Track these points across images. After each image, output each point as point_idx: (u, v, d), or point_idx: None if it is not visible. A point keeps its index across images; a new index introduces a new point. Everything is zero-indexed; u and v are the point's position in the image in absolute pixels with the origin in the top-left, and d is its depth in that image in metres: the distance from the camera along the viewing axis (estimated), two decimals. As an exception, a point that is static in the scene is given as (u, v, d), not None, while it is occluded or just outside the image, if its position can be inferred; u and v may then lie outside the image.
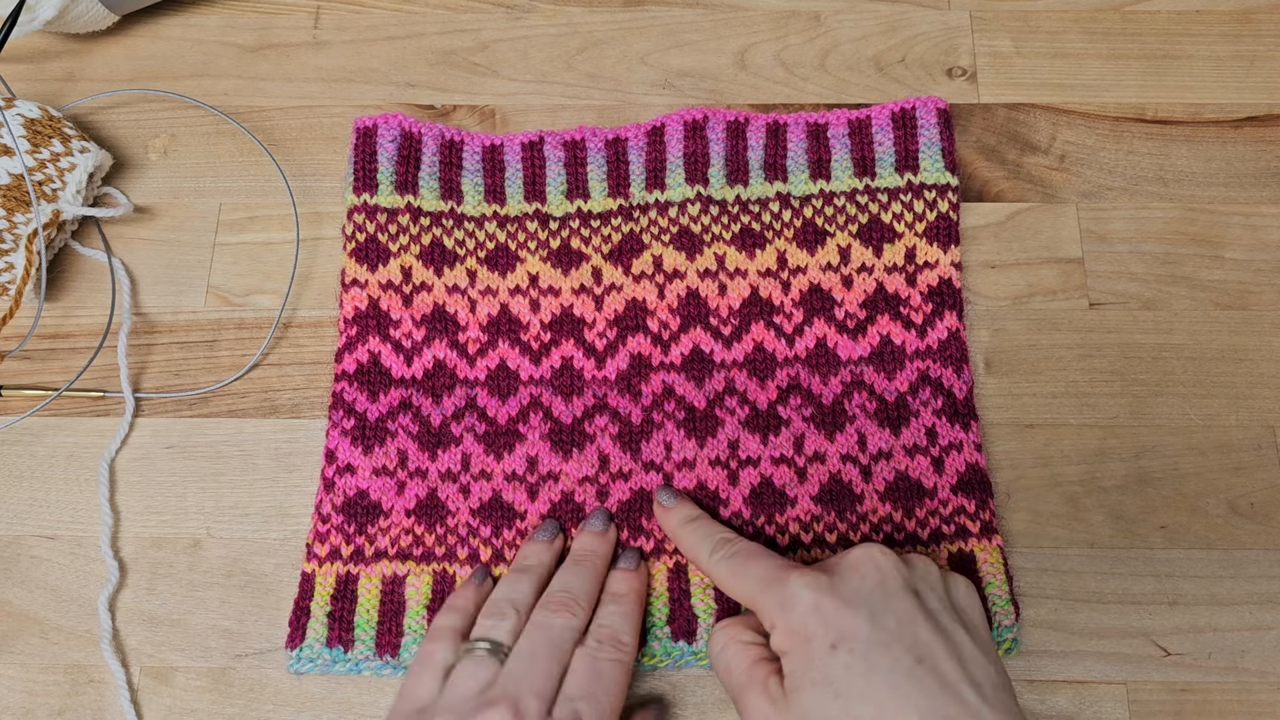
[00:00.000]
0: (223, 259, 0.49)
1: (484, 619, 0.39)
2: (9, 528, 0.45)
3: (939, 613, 0.35)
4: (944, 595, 0.36)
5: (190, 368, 0.47)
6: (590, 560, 0.41)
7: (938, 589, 0.36)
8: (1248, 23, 0.53)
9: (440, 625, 0.39)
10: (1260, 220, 0.49)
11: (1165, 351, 0.46)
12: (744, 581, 0.37)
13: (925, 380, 0.45)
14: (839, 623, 0.34)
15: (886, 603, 0.34)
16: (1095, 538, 0.43)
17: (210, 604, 0.43)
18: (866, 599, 0.34)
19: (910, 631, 0.34)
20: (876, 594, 0.35)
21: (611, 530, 0.43)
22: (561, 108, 0.52)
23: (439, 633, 0.39)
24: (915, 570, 0.36)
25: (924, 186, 0.48)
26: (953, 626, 0.35)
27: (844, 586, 0.35)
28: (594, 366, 0.46)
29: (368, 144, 0.48)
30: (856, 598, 0.34)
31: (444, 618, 0.40)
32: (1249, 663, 0.41)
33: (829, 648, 0.33)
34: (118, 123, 0.52)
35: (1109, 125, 0.51)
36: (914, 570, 0.36)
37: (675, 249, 0.47)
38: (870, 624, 0.34)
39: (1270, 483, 0.44)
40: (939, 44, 0.53)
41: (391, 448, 0.44)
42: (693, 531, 0.41)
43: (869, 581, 0.35)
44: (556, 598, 0.39)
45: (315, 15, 0.54)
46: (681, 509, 0.42)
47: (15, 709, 0.42)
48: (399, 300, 0.47)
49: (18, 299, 0.45)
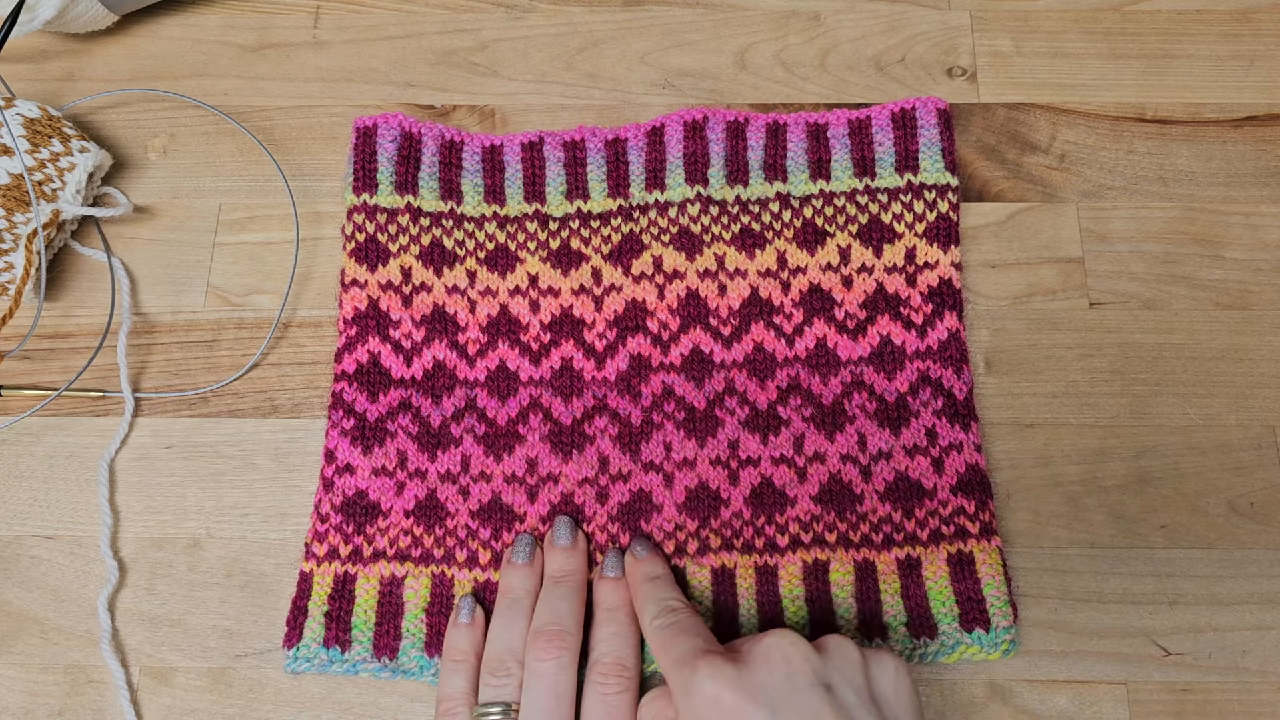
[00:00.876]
0: (222, 259, 0.49)
1: (488, 676, 0.39)
2: (9, 528, 0.45)
3: (853, 708, 0.33)
4: (863, 687, 0.34)
5: (190, 368, 0.47)
6: (568, 580, 0.41)
7: (855, 680, 0.34)
8: (1248, 23, 0.53)
9: (450, 691, 0.39)
10: (1260, 220, 0.49)
11: (1165, 351, 0.46)
12: (665, 656, 0.36)
13: (925, 380, 0.45)
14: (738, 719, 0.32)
15: (792, 699, 0.32)
16: (1095, 537, 0.43)
17: (210, 604, 0.43)
18: (770, 694, 0.32)
19: None
20: (782, 689, 0.33)
21: (580, 539, 0.42)
22: (561, 108, 0.52)
23: (453, 701, 0.39)
24: (830, 660, 0.34)
25: (924, 187, 0.48)
26: None
27: (749, 679, 0.33)
28: (594, 367, 0.46)
29: (368, 144, 0.48)
30: (760, 693, 0.32)
31: (450, 681, 0.39)
32: (1250, 662, 0.41)
33: None
34: (117, 123, 0.52)
35: (1109, 125, 0.51)
36: (829, 660, 0.34)
37: (675, 249, 0.47)
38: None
39: (1270, 482, 0.44)
40: (939, 44, 0.53)
41: (391, 448, 0.44)
42: (648, 591, 0.40)
43: (776, 675, 0.33)
44: (545, 633, 0.39)
45: (315, 15, 0.54)
46: (647, 565, 0.41)
47: (15, 709, 0.42)
48: (399, 300, 0.47)
49: (17, 299, 0.45)
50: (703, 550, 0.42)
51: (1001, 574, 0.42)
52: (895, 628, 0.41)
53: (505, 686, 0.38)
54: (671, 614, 0.38)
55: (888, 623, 0.41)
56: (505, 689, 0.38)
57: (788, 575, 0.42)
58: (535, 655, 0.38)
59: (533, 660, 0.38)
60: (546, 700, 0.37)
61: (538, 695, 0.37)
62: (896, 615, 0.41)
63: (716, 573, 0.42)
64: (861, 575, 0.42)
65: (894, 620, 0.41)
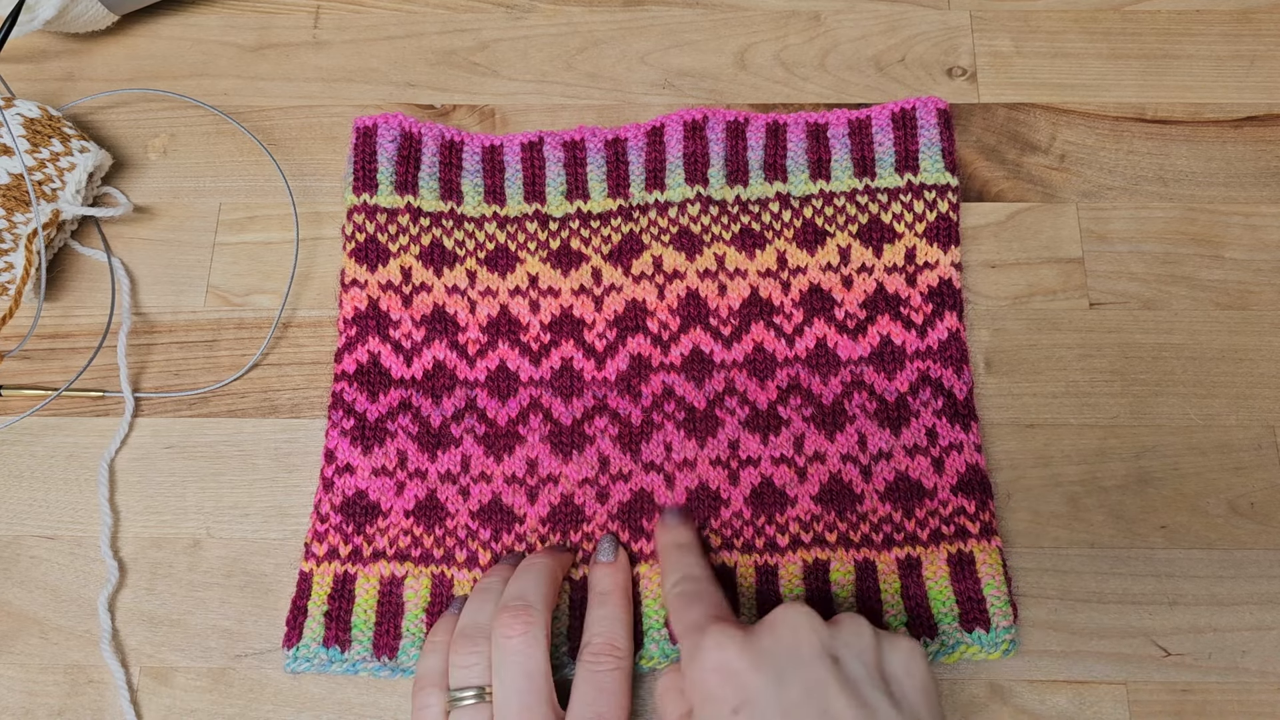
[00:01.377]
0: (222, 259, 0.49)
1: (455, 657, 0.38)
2: (9, 528, 0.45)
3: (860, 681, 0.32)
4: (873, 663, 0.33)
5: (190, 368, 0.47)
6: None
7: (865, 655, 0.33)
8: (1248, 23, 0.53)
9: (426, 670, 0.39)
10: (1260, 220, 0.49)
11: (1165, 351, 0.46)
12: (678, 622, 0.36)
13: (925, 380, 0.45)
14: (742, 686, 0.32)
15: (797, 668, 0.32)
16: (1095, 538, 0.43)
17: (210, 604, 0.43)
18: (775, 662, 0.32)
19: (819, 700, 0.31)
20: (787, 657, 0.32)
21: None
22: (561, 108, 0.52)
23: (426, 680, 0.38)
24: (840, 634, 0.33)
25: (924, 187, 0.48)
26: (875, 698, 0.31)
27: (755, 646, 0.33)
28: (594, 367, 0.46)
29: (368, 144, 0.48)
30: (765, 660, 0.32)
31: (428, 660, 0.39)
32: (1249, 663, 0.41)
33: (730, 712, 0.31)
34: (117, 122, 0.52)
35: (1109, 125, 0.51)
36: (839, 634, 0.33)
37: (675, 249, 0.47)
38: (775, 689, 0.31)
39: (1271, 482, 0.44)
40: (939, 44, 0.53)
41: (391, 448, 0.44)
42: (675, 558, 0.40)
43: (783, 643, 0.33)
44: (510, 608, 0.37)
45: (315, 15, 0.54)
46: (676, 533, 0.41)
47: (15, 709, 0.42)
48: (399, 301, 0.47)
49: (17, 299, 0.45)
50: (704, 550, 0.42)
51: (1001, 574, 0.42)
52: (895, 628, 0.41)
53: (474, 667, 0.37)
54: (691, 581, 0.38)
55: (888, 622, 0.41)
56: (474, 670, 0.37)
57: (788, 575, 0.42)
58: (501, 632, 0.37)
59: (499, 637, 0.37)
60: (519, 681, 0.36)
61: (509, 676, 0.36)
62: (896, 615, 0.41)
63: (717, 572, 0.42)
64: (862, 575, 0.42)
65: (894, 620, 0.41)
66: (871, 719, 0.31)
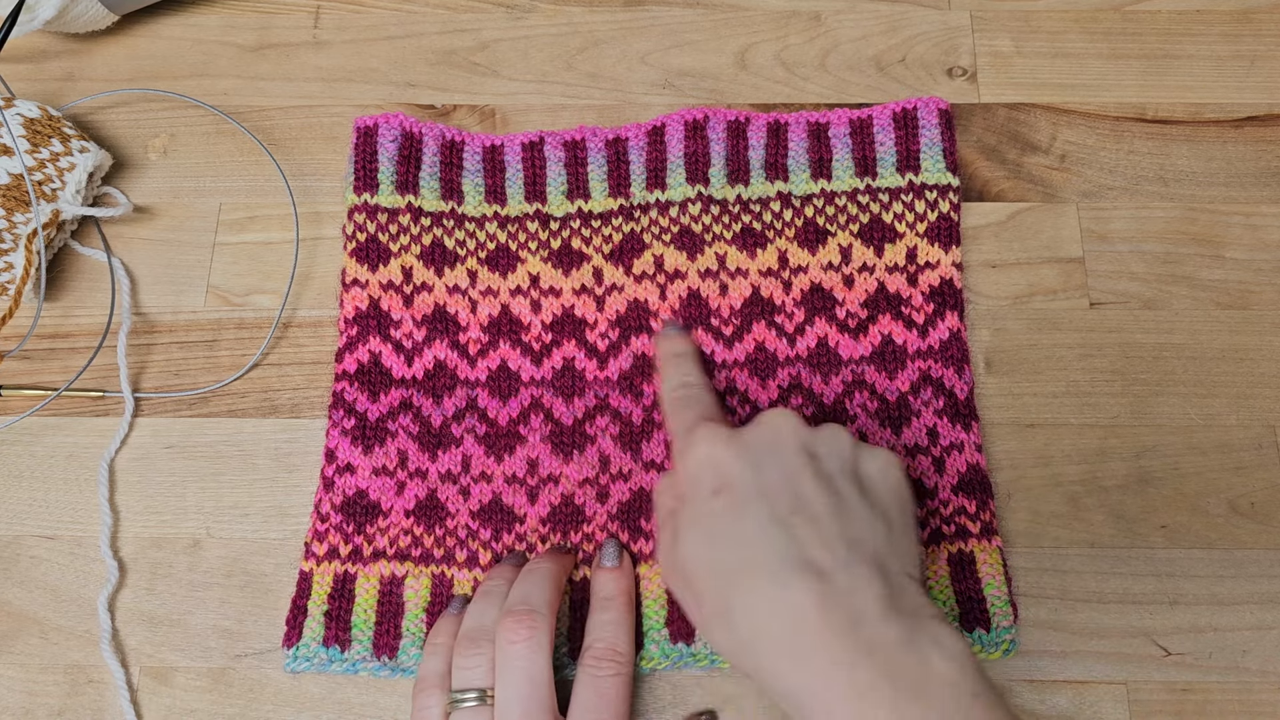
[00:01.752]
0: (223, 259, 0.49)
1: (458, 659, 0.38)
2: (9, 528, 0.45)
3: (833, 475, 0.35)
4: (849, 462, 0.35)
5: (190, 368, 0.47)
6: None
7: (842, 456, 0.35)
8: (1248, 23, 0.53)
9: (427, 672, 0.39)
10: (1260, 220, 0.49)
11: (1166, 351, 0.46)
12: (673, 423, 0.40)
13: (926, 380, 0.45)
14: (724, 470, 0.35)
15: (776, 457, 0.35)
16: (1095, 537, 0.43)
17: (210, 604, 0.43)
18: (756, 453, 0.35)
19: (794, 485, 0.34)
20: (768, 449, 0.35)
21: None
22: (562, 107, 0.52)
23: (427, 681, 0.38)
24: (820, 436, 0.36)
25: (925, 187, 0.48)
26: (846, 489, 0.34)
27: (739, 440, 0.35)
28: (596, 367, 0.46)
29: (368, 144, 0.48)
30: (747, 451, 0.35)
31: (429, 661, 0.39)
32: (1250, 662, 0.41)
33: (711, 493, 0.34)
34: (117, 122, 0.52)
35: (1109, 125, 0.51)
36: (819, 436, 0.36)
37: (676, 249, 0.47)
38: (753, 473, 0.34)
39: (1271, 482, 0.44)
40: (939, 44, 0.53)
41: (391, 448, 0.44)
42: (673, 365, 0.43)
43: (764, 438, 0.35)
44: (515, 613, 0.37)
45: (315, 15, 0.54)
46: (675, 342, 0.44)
47: (15, 709, 0.42)
48: (399, 300, 0.47)
49: (17, 299, 0.45)
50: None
51: (1002, 574, 0.42)
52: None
53: (476, 669, 0.37)
54: (687, 387, 0.41)
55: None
56: (477, 672, 0.37)
57: (788, 575, 0.42)
58: (505, 637, 0.37)
59: (504, 642, 0.37)
60: (522, 686, 0.36)
61: (513, 681, 0.36)
62: (897, 615, 0.41)
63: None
64: (862, 575, 0.42)
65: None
66: (840, 505, 0.34)
